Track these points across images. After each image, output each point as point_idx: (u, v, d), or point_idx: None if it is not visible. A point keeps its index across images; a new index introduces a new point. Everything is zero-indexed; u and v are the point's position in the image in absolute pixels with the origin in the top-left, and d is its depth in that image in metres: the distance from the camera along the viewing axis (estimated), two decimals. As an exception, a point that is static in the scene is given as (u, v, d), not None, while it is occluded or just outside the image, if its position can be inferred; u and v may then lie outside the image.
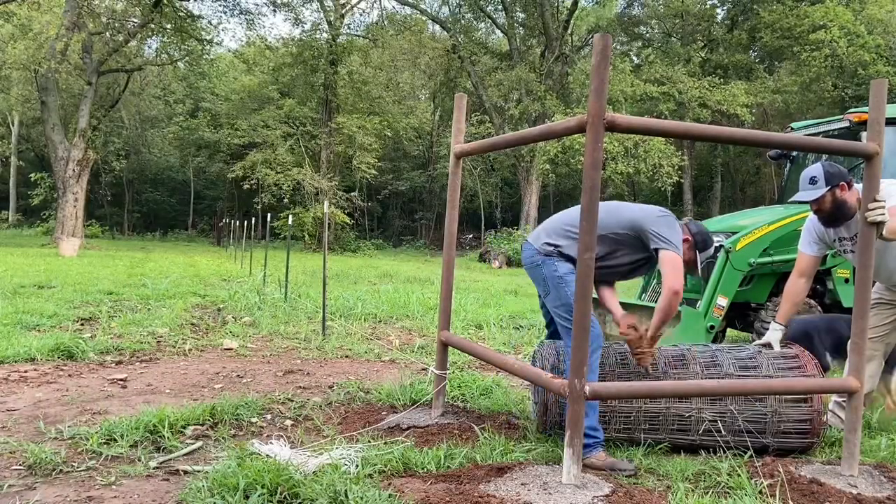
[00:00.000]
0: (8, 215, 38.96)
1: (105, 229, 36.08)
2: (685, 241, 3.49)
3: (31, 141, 40.92)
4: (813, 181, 3.40)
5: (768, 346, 3.67)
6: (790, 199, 3.51)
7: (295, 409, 4.01)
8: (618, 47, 32.49)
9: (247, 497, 2.53)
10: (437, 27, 34.74)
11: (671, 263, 3.30)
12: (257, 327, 7.07)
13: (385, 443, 3.27)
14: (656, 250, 3.35)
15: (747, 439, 3.41)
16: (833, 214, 3.45)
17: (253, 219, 19.92)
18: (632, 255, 3.50)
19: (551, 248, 3.48)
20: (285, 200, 29.35)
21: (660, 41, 33.72)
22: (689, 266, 3.54)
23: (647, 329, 3.43)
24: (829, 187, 3.36)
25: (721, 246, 6.03)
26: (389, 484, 2.75)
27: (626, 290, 11.71)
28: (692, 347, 3.71)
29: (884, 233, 3.11)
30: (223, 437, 3.40)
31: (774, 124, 29.82)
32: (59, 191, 23.93)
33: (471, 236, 37.30)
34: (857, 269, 3.16)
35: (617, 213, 3.52)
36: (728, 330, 7.00)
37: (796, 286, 3.72)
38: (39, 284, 9.78)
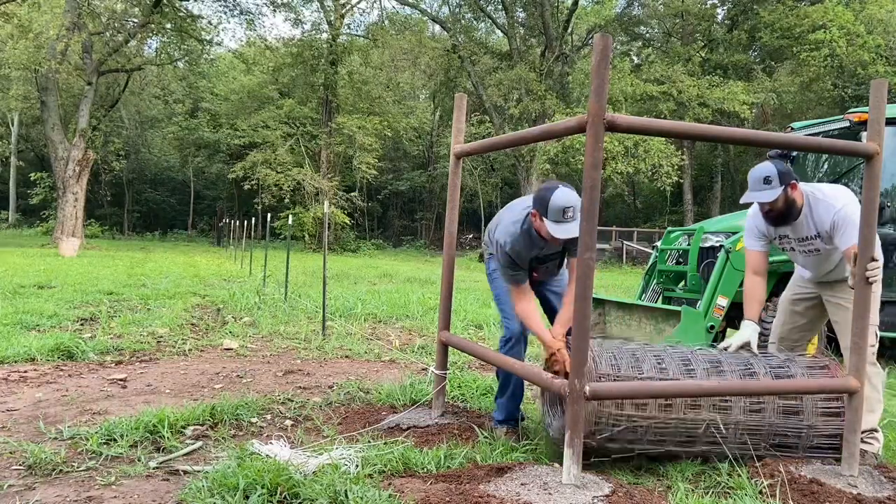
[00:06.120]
0: (8, 215, 38.98)
1: (105, 229, 36.12)
2: (532, 215, 3.30)
3: (30, 141, 40.95)
4: (767, 181, 3.37)
5: (747, 345, 3.51)
6: (743, 199, 3.41)
7: (295, 409, 4.01)
8: (618, 47, 32.46)
9: (247, 497, 2.53)
10: (437, 27, 34.72)
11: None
12: (257, 327, 7.07)
13: (385, 443, 3.27)
14: None
15: (776, 454, 3.24)
16: (784, 214, 3.45)
17: (253, 219, 19.92)
18: None
19: (485, 248, 3.84)
20: (285, 200, 29.36)
21: (660, 41, 33.70)
22: (549, 239, 3.26)
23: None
24: (783, 186, 3.36)
25: (721, 246, 6.04)
26: (389, 484, 2.75)
27: (627, 291, 11.69)
28: (696, 350, 3.64)
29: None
30: (223, 438, 3.40)
31: (774, 124, 29.81)
32: (59, 191, 23.94)
33: (471, 236, 37.30)
34: (858, 268, 3.17)
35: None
36: (728, 330, 6.99)
37: (754, 283, 3.66)
38: (39, 284, 9.78)
